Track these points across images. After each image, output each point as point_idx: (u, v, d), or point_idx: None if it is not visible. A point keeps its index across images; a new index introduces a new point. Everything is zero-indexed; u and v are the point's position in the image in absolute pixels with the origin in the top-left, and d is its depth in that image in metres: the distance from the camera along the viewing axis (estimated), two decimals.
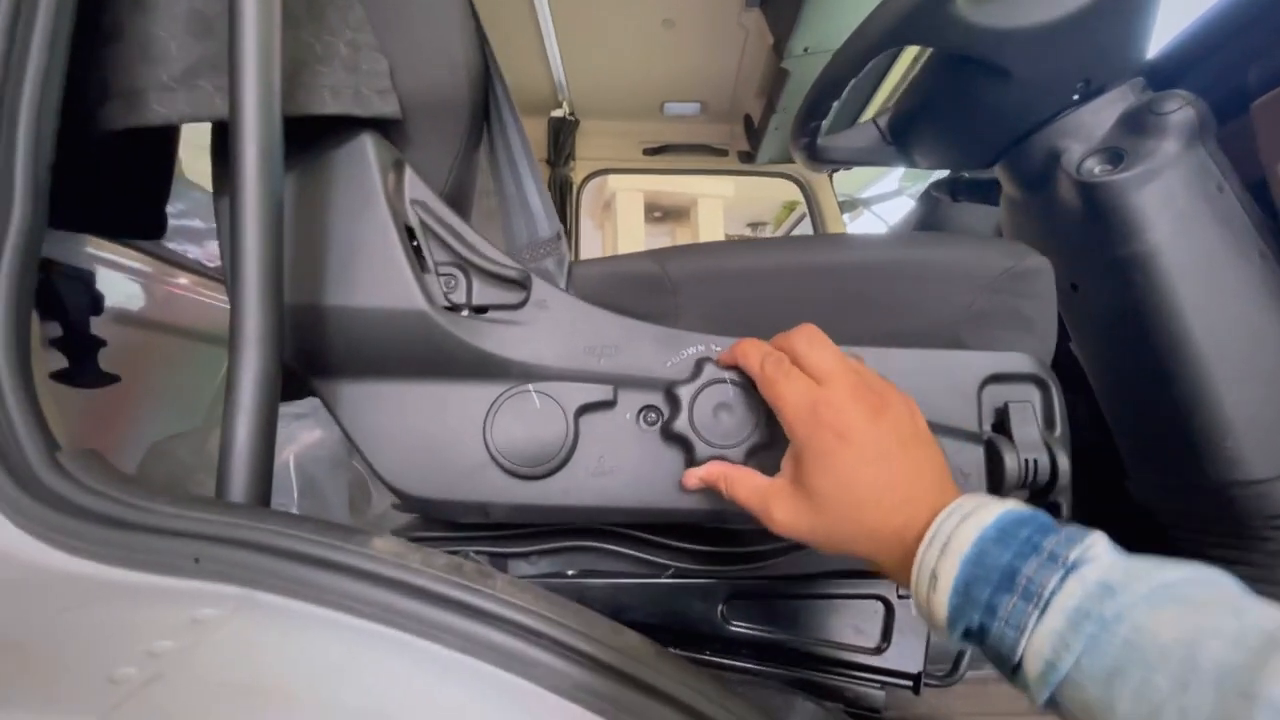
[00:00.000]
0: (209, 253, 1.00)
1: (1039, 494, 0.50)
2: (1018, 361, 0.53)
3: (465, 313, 0.51)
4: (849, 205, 2.35)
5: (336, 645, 0.28)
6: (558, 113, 2.35)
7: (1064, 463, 0.49)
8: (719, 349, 0.50)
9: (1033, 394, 0.53)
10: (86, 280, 0.71)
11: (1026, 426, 0.51)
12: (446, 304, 0.50)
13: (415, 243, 0.51)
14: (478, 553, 0.58)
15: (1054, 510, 0.51)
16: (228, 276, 0.50)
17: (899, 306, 0.55)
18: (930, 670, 0.61)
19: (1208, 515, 0.73)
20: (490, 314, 0.51)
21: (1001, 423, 0.52)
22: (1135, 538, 0.90)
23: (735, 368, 0.48)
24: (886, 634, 0.60)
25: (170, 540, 0.29)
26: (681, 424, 0.48)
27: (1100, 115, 0.74)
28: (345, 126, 0.49)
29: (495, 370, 0.50)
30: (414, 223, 0.51)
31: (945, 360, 0.52)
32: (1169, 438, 0.74)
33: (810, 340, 0.42)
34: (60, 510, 0.29)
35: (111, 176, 0.54)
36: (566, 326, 0.51)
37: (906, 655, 0.60)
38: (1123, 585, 0.27)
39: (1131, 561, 0.29)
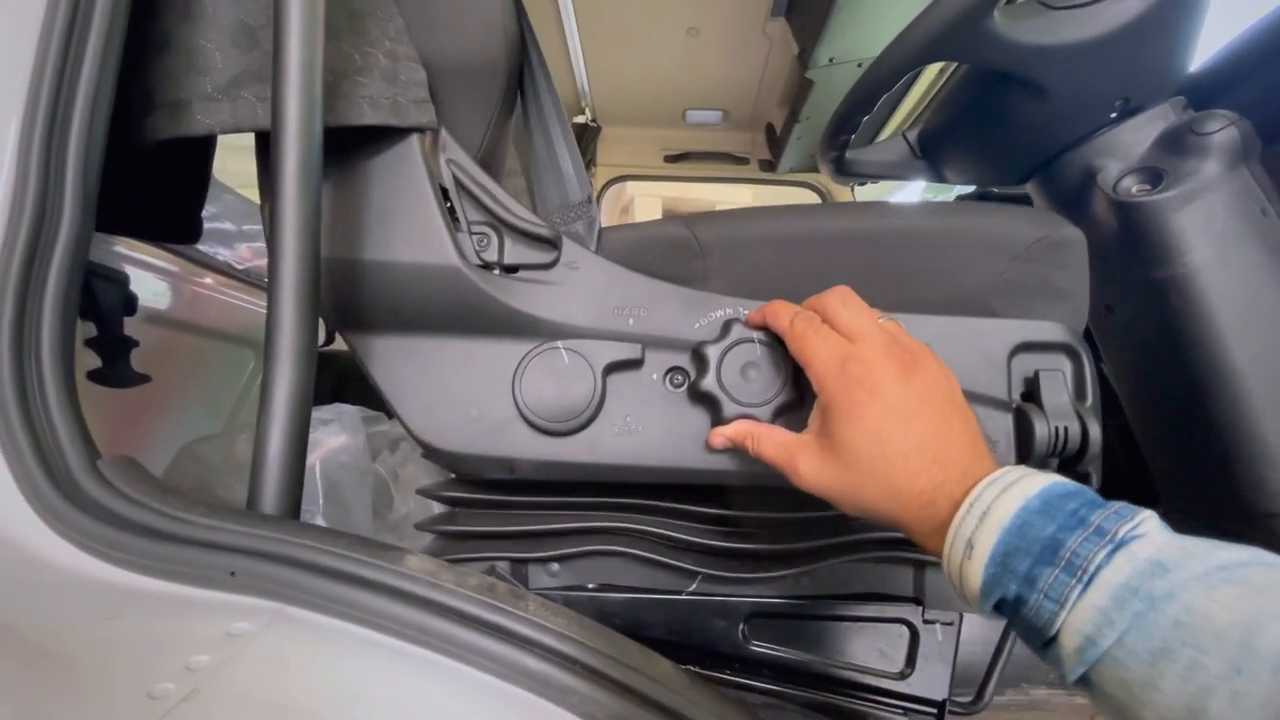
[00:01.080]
0: (238, 255, 1.02)
1: (1068, 463, 0.49)
2: (1049, 330, 0.52)
3: (497, 271, 0.51)
4: None
5: (368, 664, 0.27)
6: (580, 119, 2.36)
7: (1095, 431, 0.47)
8: (746, 312, 0.50)
9: (1064, 363, 0.52)
10: (121, 282, 0.72)
11: (1057, 395, 0.49)
12: (479, 262, 0.51)
13: (449, 204, 0.51)
14: (500, 558, 0.58)
15: (1083, 481, 0.50)
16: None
17: (929, 274, 0.54)
18: (954, 698, 0.60)
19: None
20: (521, 273, 0.51)
21: (1031, 392, 0.51)
22: None
23: (764, 328, 0.48)
24: (911, 659, 0.59)
25: (207, 553, 0.29)
26: (709, 383, 0.47)
27: (1139, 134, 0.72)
28: None
29: (525, 328, 0.50)
30: (448, 182, 0.51)
31: (975, 328, 0.51)
32: (1205, 466, 0.72)
33: (844, 300, 0.41)
34: (100, 519, 0.30)
35: (150, 182, 0.55)
36: (596, 287, 0.51)
37: (931, 682, 0.58)
38: (1176, 564, 0.26)
39: (1185, 541, 0.28)
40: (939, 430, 0.35)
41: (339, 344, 0.57)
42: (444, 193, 0.51)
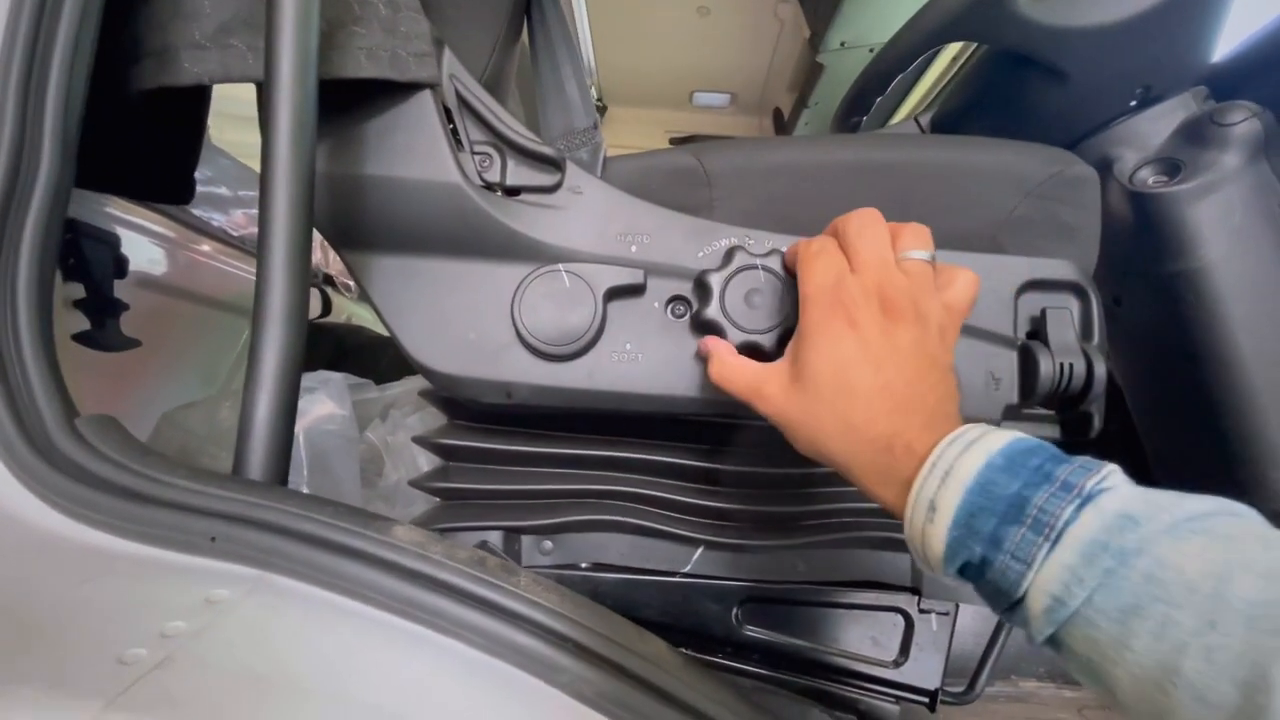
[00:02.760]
0: (234, 221, 1.00)
1: (1071, 402, 0.48)
2: (1058, 268, 0.50)
3: (499, 192, 0.50)
4: None
5: (352, 636, 0.26)
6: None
7: (1100, 370, 0.47)
8: (752, 242, 0.49)
9: (1071, 302, 0.51)
10: (112, 243, 0.70)
11: (1063, 332, 0.48)
12: (481, 182, 0.50)
13: (451, 122, 0.50)
14: (493, 527, 0.57)
15: (1086, 422, 0.49)
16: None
17: (940, 207, 0.53)
18: (946, 687, 0.60)
19: None
20: (524, 196, 0.50)
21: (1037, 330, 0.50)
22: None
23: (769, 254, 0.47)
24: (905, 648, 0.58)
25: (187, 516, 0.28)
26: (713, 310, 0.46)
27: (1158, 123, 0.71)
28: None
29: (526, 251, 0.49)
30: (450, 99, 0.50)
31: (983, 264, 0.50)
32: (1210, 464, 0.71)
33: (863, 224, 0.38)
34: (77, 479, 0.28)
35: (142, 138, 0.53)
36: (600, 212, 0.50)
37: (924, 672, 0.58)
38: (1145, 517, 0.25)
39: (1151, 493, 0.27)
40: (911, 381, 0.33)
41: (335, 315, 0.55)
42: (446, 110, 0.49)
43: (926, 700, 0.59)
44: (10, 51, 0.31)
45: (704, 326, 0.47)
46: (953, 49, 1.61)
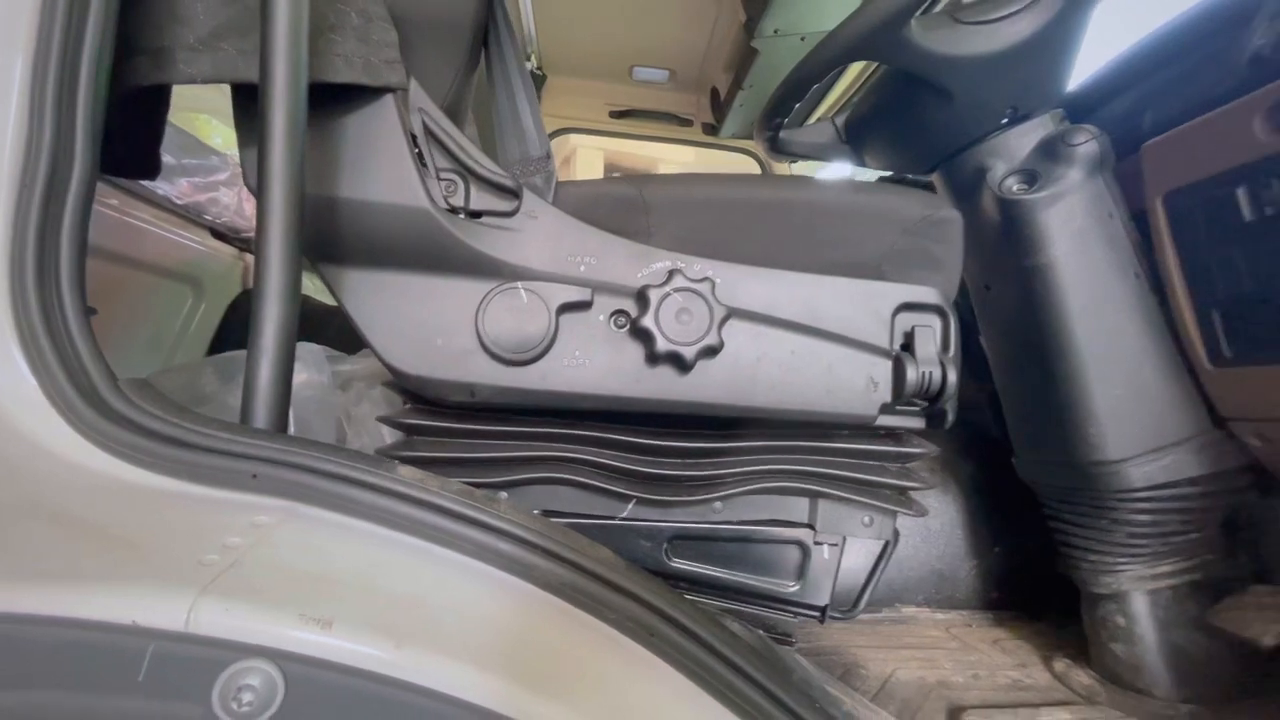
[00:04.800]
0: (178, 190, 0.99)
1: (931, 401, 0.62)
2: (926, 294, 0.64)
3: (463, 215, 0.57)
4: None
5: (372, 548, 0.34)
6: (525, 65, 2.32)
7: (952, 377, 0.60)
8: (685, 266, 0.59)
9: (935, 321, 0.64)
10: None
11: (927, 347, 0.62)
12: (447, 206, 0.57)
13: (418, 149, 0.56)
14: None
15: (942, 416, 0.63)
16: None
17: (835, 240, 0.65)
18: (834, 605, 0.73)
19: (1073, 488, 0.87)
20: (485, 219, 0.58)
21: (908, 344, 0.63)
22: (1016, 506, 1.06)
23: (702, 280, 0.57)
24: (801, 573, 0.71)
25: (230, 460, 0.35)
26: (648, 320, 0.57)
27: (1023, 139, 0.84)
28: None
29: (488, 269, 0.57)
30: (418, 129, 0.56)
31: (868, 289, 0.63)
32: (1048, 423, 0.87)
33: None
34: (129, 429, 0.35)
35: (116, 119, 0.56)
36: (553, 236, 0.58)
37: (816, 591, 0.71)
38: None
39: None
40: None
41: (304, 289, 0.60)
42: (414, 139, 0.56)
43: (818, 614, 0.72)
44: (46, 62, 0.35)
45: (639, 334, 0.57)
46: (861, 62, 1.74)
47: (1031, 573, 1.07)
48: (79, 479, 0.33)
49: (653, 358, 0.58)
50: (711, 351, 0.58)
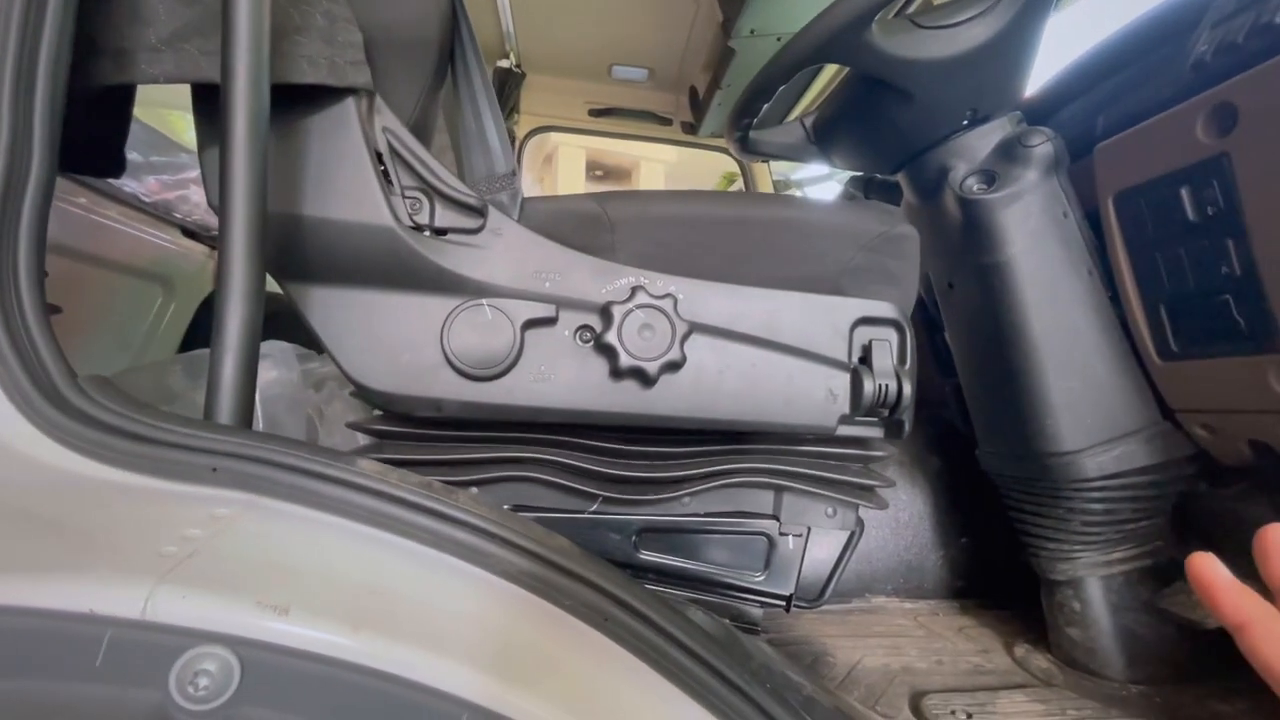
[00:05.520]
0: (146, 188, 0.98)
1: (889, 412, 0.64)
2: (883, 309, 0.65)
3: (428, 233, 0.58)
4: (783, 185, 2.48)
5: (332, 538, 0.35)
6: (504, 63, 2.32)
7: (908, 389, 0.62)
8: (647, 282, 0.60)
9: (892, 335, 0.66)
10: None
11: (884, 360, 0.64)
12: (411, 224, 0.57)
13: (383, 166, 0.57)
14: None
15: (899, 426, 0.65)
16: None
17: (795, 256, 0.66)
18: (799, 595, 0.75)
19: (1031, 479, 0.90)
20: (450, 236, 0.58)
21: (865, 357, 0.65)
22: (981, 498, 1.09)
23: (664, 297, 0.58)
24: (766, 563, 0.73)
25: (189, 454, 0.35)
26: (611, 336, 0.58)
27: (983, 140, 0.87)
28: None
29: (453, 285, 0.57)
30: (383, 148, 0.57)
31: (827, 304, 0.64)
32: (1007, 415, 0.90)
33: None
34: (88, 425, 0.35)
35: (78, 117, 0.56)
36: (517, 252, 0.59)
37: (781, 581, 0.73)
38: None
39: None
40: None
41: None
42: (379, 157, 0.56)
43: (783, 604, 0.74)
44: (2, 61, 0.35)
45: (602, 350, 0.58)
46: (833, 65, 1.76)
47: (996, 562, 1.11)
48: (37, 474, 0.34)
49: (617, 373, 0.59)
50: (674, 366, 0.59)
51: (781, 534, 0.73)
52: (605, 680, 0.35)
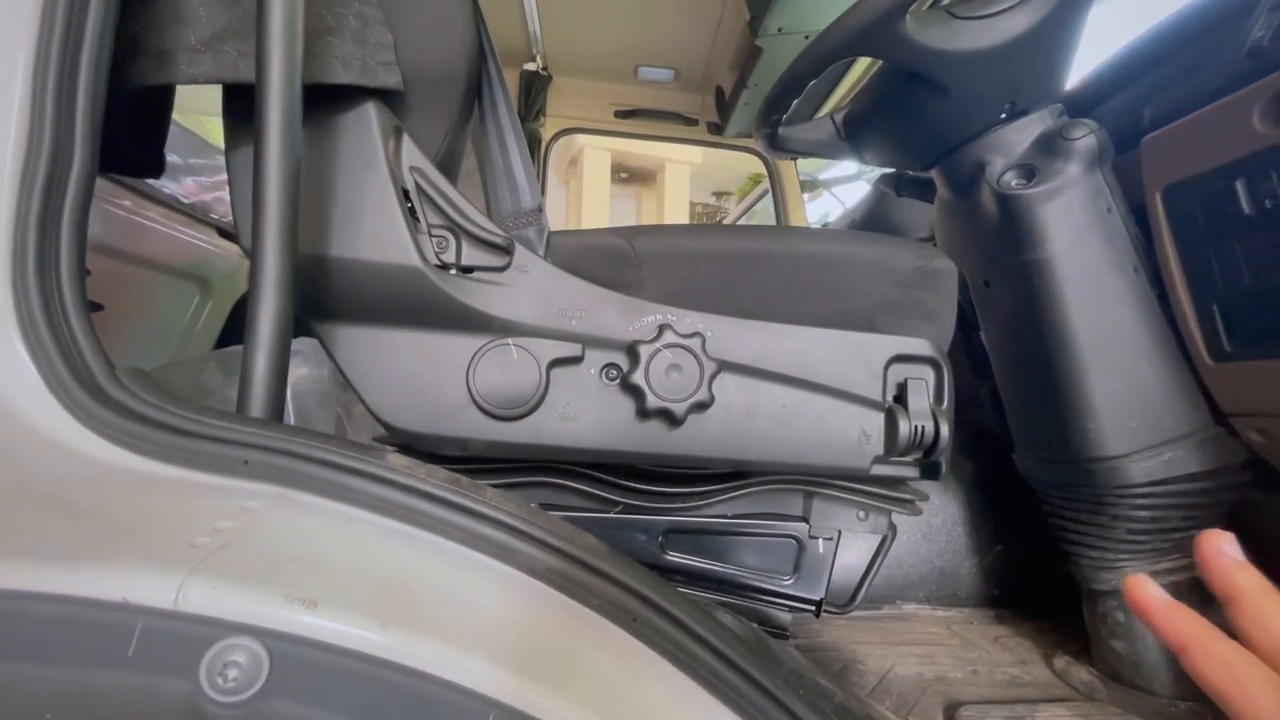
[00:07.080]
0: (185, 189, 1.01)
1: (925, 453, 0.62)
2: (919, 346, 0.63)
3: (454, 271, 0.58)
4: (810, 185, 2.45)
5: (360, 532, 0.35)
6: (530, 66, 2.33)
7: (945, 431, 0.60)
8: (675, 319, 0.59)
9: (928, 374, 0.64)
10: None
11: (920, 400, 0.62)
12: (438, 263, 0.57)
13: (410, 205, 0.57)
14: None
15: (935, 468, 0.63)
16: (235, 220, 0.55)
17: (827, 292, 0.65)
18: (829, 600, 0.73)
19: (1071, 484, 0.87)
20: (476, 274, 0.58)
21: (900, 396, 0.62)
22: (1017, 503, 1.06)
23: (692, 336, 0.57)
24: (796, 567, 0.71)
25: (222, 446, 0.36)
26: (638, 377, 0.57)
27: (1022, 134, 0.84)
28: (352, 93, 0.54)
29: (478, 324, 0.57)
30: (410, 187, 0.57)
31: (861, 340, 0.62)
32: (1047, 418, 0.87)
33: None
34: (125, 417, 0.35)
35: (119, 118, 0.57)
36: (544, 290, 0.58)
37: (811, 585, 0.71)
38: None
39: None
40: None
41: None
42: (405, 195, 0.56)
43: (813, 609, 0.72)
44: (46, 59, 0.36)
45: (629, 389, 0.57)
46: (864, 59, 1.73)
47: (1033, 570, 1.07)
48: (76, 464, 0.34)
49: (644, 413, 0.58)
50: (702, 406, 0.58)
51: (811, 537, 0.71)
52: (632, 681, 0.34)
